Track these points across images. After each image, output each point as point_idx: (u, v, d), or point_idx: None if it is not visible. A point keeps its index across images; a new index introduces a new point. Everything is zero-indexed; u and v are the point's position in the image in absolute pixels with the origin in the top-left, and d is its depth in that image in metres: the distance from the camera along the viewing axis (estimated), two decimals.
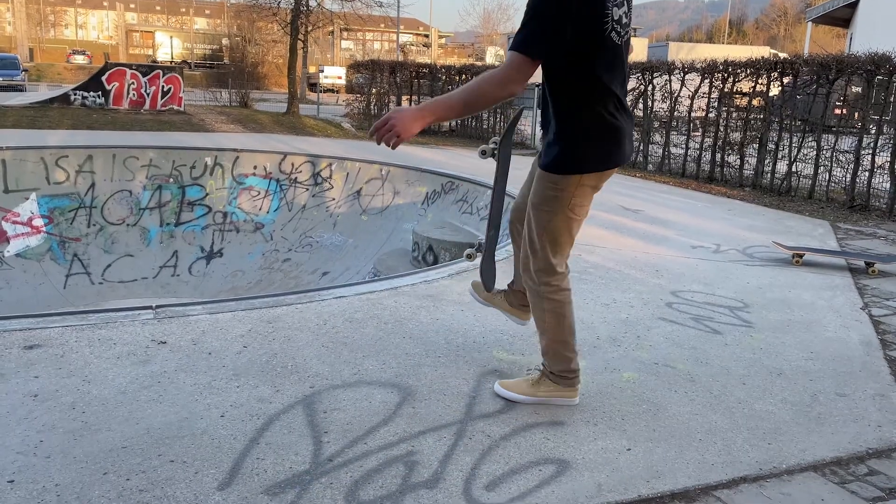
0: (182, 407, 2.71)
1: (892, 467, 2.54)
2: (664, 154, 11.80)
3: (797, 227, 7.37)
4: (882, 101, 8.88)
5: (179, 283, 9.84)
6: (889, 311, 4.42)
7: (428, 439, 2.57)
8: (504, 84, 2.42)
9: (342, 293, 4.23)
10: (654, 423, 2.80)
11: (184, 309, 3.78)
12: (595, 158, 2.62)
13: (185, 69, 32.41)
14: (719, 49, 27.06)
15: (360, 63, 21.68)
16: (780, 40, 69.73)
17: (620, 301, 4.38)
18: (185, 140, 12.44)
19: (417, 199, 10.08)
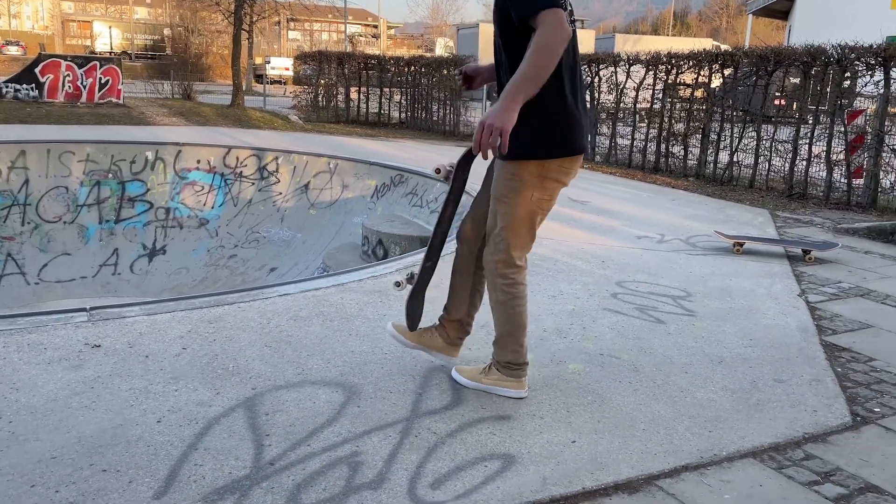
0: (116, 413, 2.61)
1: (827, 451, 2.61)
2: (611, 145, 11.95)
3: (738, 215, 7.55)
4: (818, 92, 9.15)
5: (120, 281, 9.54)
6: (825, 297, 4.56)
7: (373, 439, 2.53)
8: (562, 39, 2.36)
9: (287, 290, 4.15)
10: (599, 414, 2.82)
11: (120, 310, 3.65)
12: (554, 144, 2.62)
13: (125, 60, 31.42)
14: (664, 41, 27.56)
15: (308, 54, 21.33)
16: (722, 32, 71.41)
17: (567, 293, 4.40)
18: (125, 134, 12.05)
19: (367, 192, 9.98)
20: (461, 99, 16.45)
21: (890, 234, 6.40)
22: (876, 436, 2.74)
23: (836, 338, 3.81)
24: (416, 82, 17.36)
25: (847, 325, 4.03)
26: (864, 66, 8.54)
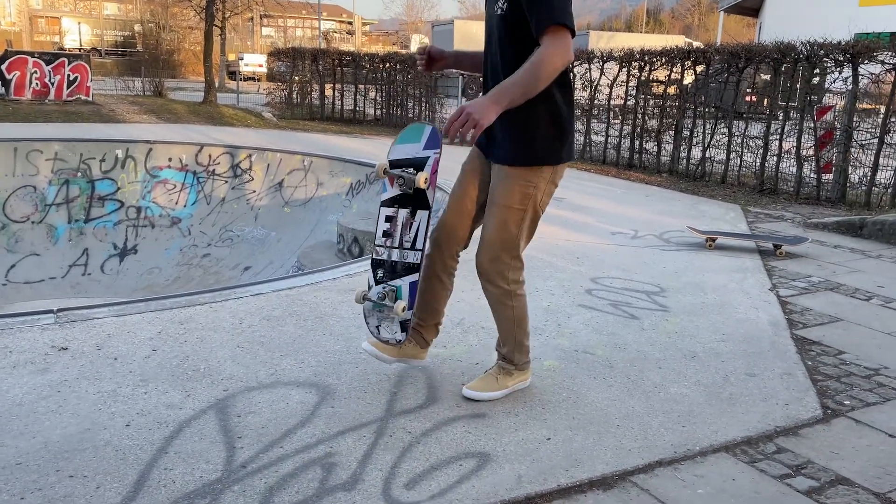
0: (84, 417, 2.56)
1: (798, 444, 2.64)
2: (585, 142, 12.00)
3: (711, 211, 7.62)
4: (788, 88, 9.27)
5: (91, 282, 9.38)
6: (795, 292, 4.62)
7: (347, 439, 2.51)
8: (565, 62, 2.42)
9: (260, 290, 4.10)
10: (574, 410, 2.82)
11: (88, 312, 3.58)
12: (566, 150, 2.69)
13: (95, 57, 30.89)
14: (637, 38, 27.74)
15: (281, 51, 21.12)
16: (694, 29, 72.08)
17: (542, 289, 4.41)
18: (94, 132, 11.84)
19: (342, 189, 9.92)
20: (437, 95, 16.41)
21: (858, 228, 6.50)
22: (846, 428, 2.78)
23: (806, 331, 3.86)
24: (391, 79, 17.29)
25: (817, 318, 4.08)
26: (832, 63, 8.66)
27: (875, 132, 8.16)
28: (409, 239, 2.78)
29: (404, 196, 2.77)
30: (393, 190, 2.79)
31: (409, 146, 2.76)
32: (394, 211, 2.79)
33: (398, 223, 2.79)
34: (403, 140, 2.78)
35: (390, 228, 2.80)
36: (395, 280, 2.80)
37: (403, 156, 2.76)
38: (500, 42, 2.59)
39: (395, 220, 2.79)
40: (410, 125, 2.80)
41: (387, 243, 2.81)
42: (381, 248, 2.82)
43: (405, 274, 2.79)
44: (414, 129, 2.77)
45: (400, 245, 2.79)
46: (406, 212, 2.77)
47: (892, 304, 4.42)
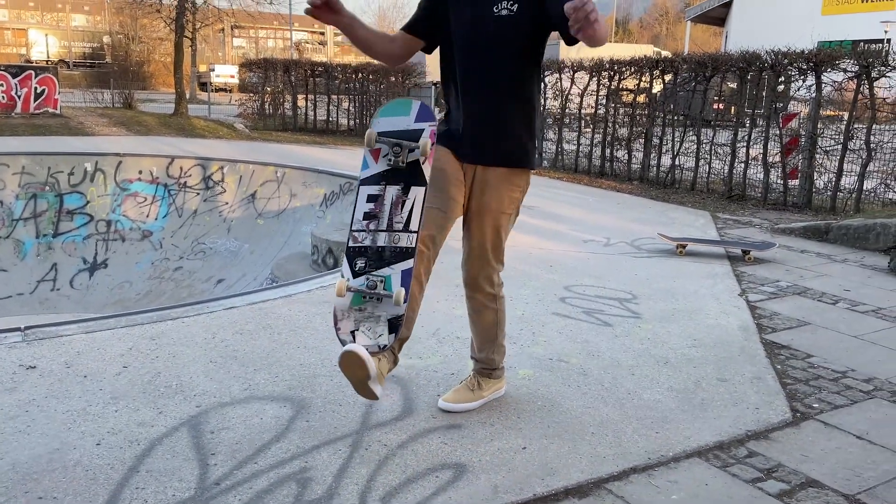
0: (53, 437, 2.52)
1: (769, 448, 2.68)
2: (557, 150, 12.10)
3: (681, 218, 7.72)
4: (755, 96, 9.45)
5: (60, 297, 9.21)
6: (764, 296, 4.70)
7: (322, 453, 2.49)
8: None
9: (233, 303, 4.07)
10: (549, 419, 2.84)
11: (56, 329, 3.52)
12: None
13: (63, 69, 30.47)
14: (607, 48, 28.06)
15: (253, 62, 21.01)
16: (662, 39, 73.12)
17: (516, 298, 4.43)
18: (63, 145, 11.66)
19: (315, 200, 9.88)
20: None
21: (824, 232, 6.63)
22: (815, 431, 2.83)
23: (775, 336, 3.92)
24: (364, 89, 17.29)
25: (785, 322, 4.16)
26: (796, 71, 8.85)
27: (839, 139, 8.35)
28: (402, 220, 2.43)
29: (393, 171, 2.46)
30: (378, 165, 2.48)
31: (396, 118, 2.50)
32: (380, 189, 2.46)
33: (385, 202, 2.45)
34: (388, 113, 2.51)
35: (375, 209, 2.45)
36: (382, 269, 2.41)
37: (391, 128, 2.47)
38: (499, 44, 2.53)
39: (381, 199, 2.45)
40: (393, 100, 2.57)
41: (370, 227, 2.45)
42: (362, 232, 2.45)
43: (396, 260, 2.42)
44: (399, 102, 2.54)
45: (389, 227, 2.43)
46: (396, 188, 2.45)
47: (858, 307, 4.52)
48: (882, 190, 8.06)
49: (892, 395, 3.19)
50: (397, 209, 2.44)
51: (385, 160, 2.46)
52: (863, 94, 8.17)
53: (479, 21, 2.54)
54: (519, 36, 2.54)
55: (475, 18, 2.55)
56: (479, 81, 2.58)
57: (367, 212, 2.46)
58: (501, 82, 2.58)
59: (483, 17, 2.54)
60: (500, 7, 2.51)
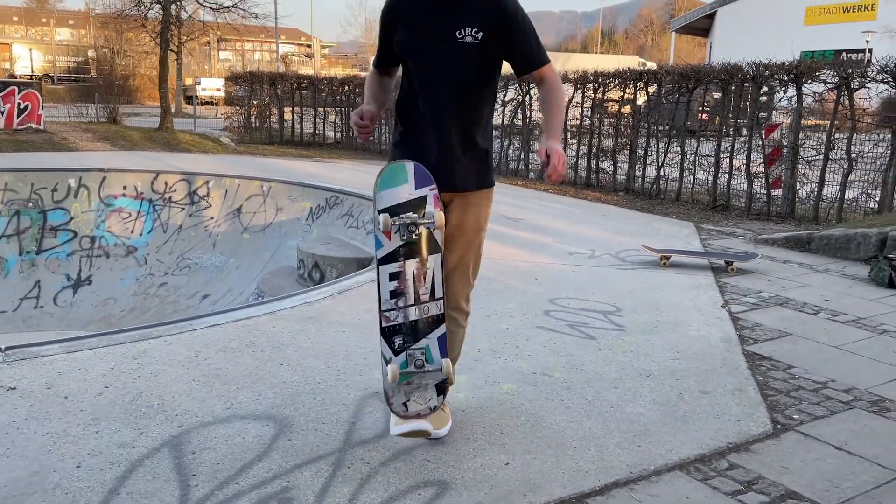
0: (32, 460, 2.50)
1: (750, 460, 2.70)
2: None
3: (665, 229, 7.78)
4: (737, 107, 9.55)
5: (43, 315, 9.13)
6: (746, 307, 4.73)
7: (305, 472, 2.49)
8: None
9: (216, 321, 4.06)
10: (532, 434, 2.85)
11: (37, 349, 3.50)
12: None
13: (47, 83, 30.33)
14: (592, 59, 28.32)
15: (239, 75, 21.06)
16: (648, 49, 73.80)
17: (501, 311, 4.44)
18: (46, 161, 11.60)
19: (301, 214, 9.87)
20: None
21: (807, 242, 6.70)
22: (795, 442, 2.85)
23: (757, 347, 3.96)
24: (350, 102, 17.32)
25: (767, 333, 4.19)
26: (777, 83, 8.97)
27: (820, 149, 8.45)
28: (427, 290, 2.53)
29: (407, 245, 2.50)
30: (392, 243, 2.49)
31: (397, 189, 2.49)
32: (399, 266, 2.50)
33: (408, 277, 2.51)
34: (387, 184, 2.49)
35: (399, 286, 2.51)
36: (419, 342, 2.53)
37: (395, 201, 2.49)
38: (464, 69, 2.54)
39: (402, 275, 2.50)
40: (386, 167, 2.51)
41: (399, 304, 2.51)
42: (393, 311, 2.51)
43: (430, 330, 2.54)
44: (393, 169, 2.51)
45: (416, 300, 2.52)
46: (415, 262, 2.51)
47: (838, 317, 4.56)
48: (863, 199, 8.16)
49: (872, 405, 3.22)
50: (420, 281, 2.53)
51: (398, 236, 2.49)
52: (843, 105, 8.28)
53: (441, 47, 2.52)
54: (482, 62, 2.56)
55: (437, 44, 2.52)
56: (451, 110, 2.56)
57: (393, 290, 2.51)
58: (471, 111, 2.61)
59: (445, 42, 2.51)
60: (463, 34, 2.50)
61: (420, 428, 2.52)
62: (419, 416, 2.54)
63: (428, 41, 2.53)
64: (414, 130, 2.65)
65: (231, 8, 20.21)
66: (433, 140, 2.59)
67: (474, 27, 2.50)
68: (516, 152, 12.79)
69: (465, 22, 2.50)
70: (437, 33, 2.52)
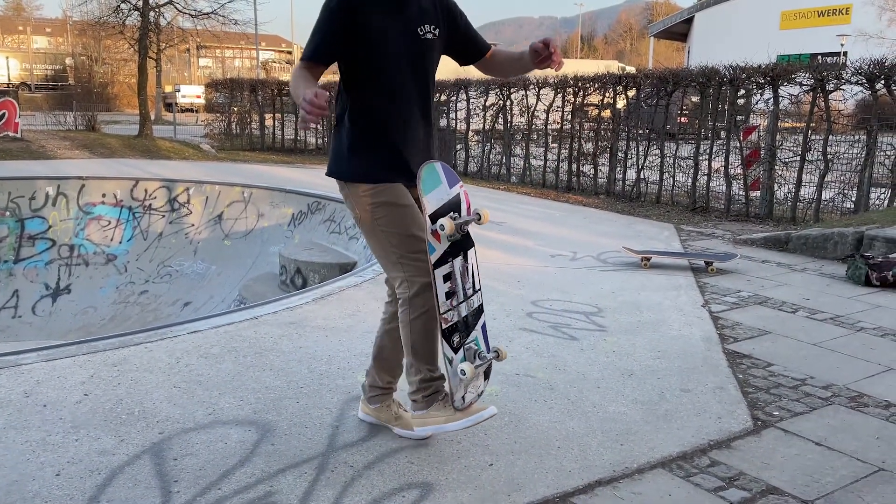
0: (11, 469, 2.46)
1: (731, 457, 2.73)
2: (525, 166, 12.22)
3: (646, 230, 7.84)
4: (715, 110, 9.66)
5: (22, 325, 9.01)
6: (726, 307, 4.78)
7: (288, 477, 2.48)
8: None
9: (197, 327, 4.03)
10: (516, 434, 2.85)
11: (15, 358, 3.45)
12: None
13: (24, 91, 29.96)
14: (572, 64, 28.49)
15: (219, 82, 20.93)
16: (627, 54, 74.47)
17: (485, 313, 4.44)
18: (23, 169, 11.47)
19: (283, 220, 9.84)
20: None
21: (784, 242, 6.78)
22: (775, 439, 2.88)
23: (737, 345, 3.99)
24: (331, 108, 17.26)
25: (747, 332, 4.23)
26: (754, 85, 9.08)
27: (797, 150, 8.56)
28: (471, 284, 2.63)
29: (452, 245, 2.56)
30: (442, 245, 2.53)
31: (438, 192, 2.53)
32: (449, 266, 2.55)
33: (457, 277, 2.57)
34: (430, 188, 2.52)
35: (451, 287, 2.55)
36: (471, 334, 2.62)
37: (440, 204, 2.53)
38: (431, 64, 2.63)
39: (452, 275, 2.56)
40: (423, 170, 2.51)
41: (453, 304, 2.56)
42: (450, 311, 2.55)
43: (477, 321, 2.65)
44: (427, 171, 2.52)
45: (465, 297, 2.60)
46: (459, 260, 2.58)
47: (816, 315, 4.62)
48: (840, 199, 8.28)
49: (850, 400, 3.26)
50: (466, 277, 2.60)
51: (446, 237, 2.52)
52: (819, 107, 8.40)
53: (408, 42, 2.54)
54: (437, 57, 2.66)
55: (405, 39, 2.53)
56: (420, 107, 2.60)
57: (447, 291, 2.55)
58: (429, 107, 2.66)
59: (413, 38, 2.55)
60: (423, 30, 2.56)
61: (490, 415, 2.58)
62: (470, 405, 2.61)
63: (395, 35, 2.52)
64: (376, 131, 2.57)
65: (210, 14, 20.09)
66: (410, 138, 2.60)
67: (432, 24, 2.59)
68: (498, 156, 12.84)
69: (424, 20, 2.57)
70: (403, 29, 2.53)
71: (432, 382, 2.64)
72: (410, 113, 2.59)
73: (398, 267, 2.58)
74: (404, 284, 2.58)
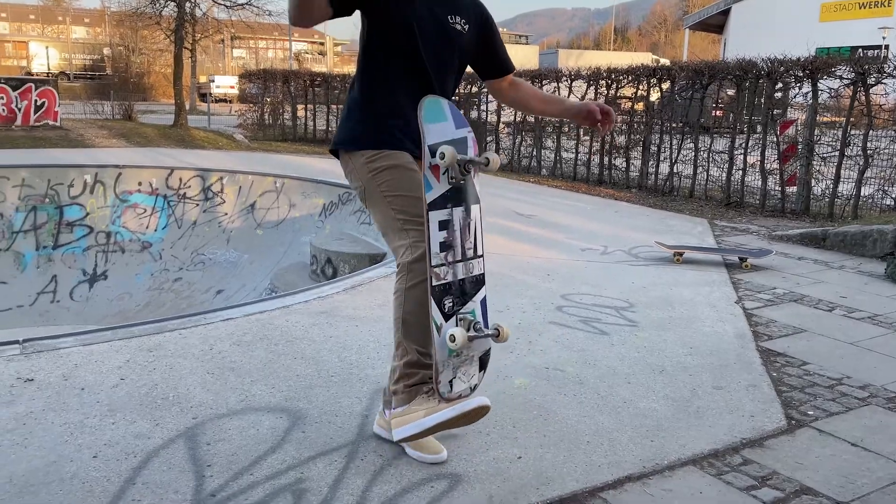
0: (50, 450, 2.53)
1: (764, 456, 2.69)
2: (556, 159, 12.14)
3: (678, 225, 7.74)
4: (752, 103, 9.48)
5: (60, 309, 9.23)
6: (760, 304, 4.71)
7: (318, 464, 2.50)
8: None
9: (230, 315, 4.08)
10: (545, 428, 2.85)
11: (54, 342, 3.54)
12: None
13: (63, 81, 30.59)
14: (605, 56, 28.21)
15: (252, 72, 21.13)
16: (661, 46, 73.42)
17: (514, 307, 4.44)
18: (62, 157, 11.71)
19: (314, 210, 9.91)
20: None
21: (822, 239, 6.65)
22: (810, 438, 2.84)
23: (771, 343, 3.93)
24: None
25: (781, 330, 4.17)
26: (792, 79, 8.89)
27: (836, 145, 8.38)
28: (471, 245, 2.29)
29: (454, 190, 2.24)
30: (441, 185, 2.22)
31: (441, 125, 2.28)
32: (448, 213, 2.23)
33: (455, 228, 2.25)
34: (432, 118, 2.27)
35: (448, 237, 2.23)
36: (467, 304, 2.28)
37: (442, 137, 2.25)
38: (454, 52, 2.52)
39: (451, 224, 2.24)
40: (425, 101, 2.28)
41: (448, 258, 2.23)
42: (443, 267, 2.21)
43: (475, 291, 2.29)
44: (432, 104, 2.29)
45: (464, 256, 2.26)
46: (461, 210, 2.26)
47: (854, 314, 4.53)
48: (879, 196, 8.09)
49: (888, 401, 3.20)
50: (466, 234, 2.28)
51: (446, 178, 2.23)
52: (859, 101, 8.20)
53: (435, 22, 2.46)
54: (465, 55, 2.58)
55: (437, 24, 2.46)
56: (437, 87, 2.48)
57: (443, 241, 2.23)
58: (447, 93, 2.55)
59: (444, 24, 2.48)
60: (454, 19, 2.50)
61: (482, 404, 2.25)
62: (460, 397, 2.29)
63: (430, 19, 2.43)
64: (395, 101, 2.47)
65: (245, 5, 20.30)
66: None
67: (463, 18, 2.53)
68: (528, 149, 12.77)
69: (457, 10, 2.52)
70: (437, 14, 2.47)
71: (419, 370, 2.37)
72: (425, 90, 2.42)
73: (402, 234, 2.35)
74: (407, 251, 2.32)
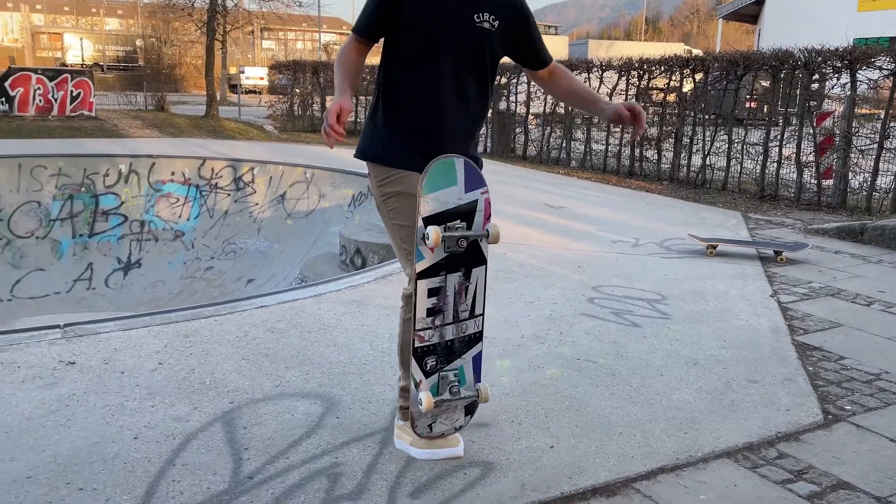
0: (92, 431, 2.59)
1: (799, 450, 2.66)
2: (586, 150, 12.05)
3: (711, 218, 7.65)
4: (788, 95, 9.31)
5: (95, 296, 9.43)
6: (796, 298, 4.64)
7: (352, 450, 2.53)
8: None
9: (263, 302, 4.14)
10: (577, 418, 2.85)
11: (94, 326, 3.62)
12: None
13: (97, 72, 31.07)
14: (636, 46, 27.89)
15: (282, 63, 21.29)
16: (693, 37, 72.37)
17: (544, 298, 4.44)
18: (98, 147, 11.92)
19: (344, 201, 9.97)
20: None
21: (859, 233, 6.52)
22: (847, 433, 2.80)
23: (807, 337, 3.88)
24: None
25: (818, 324, 4.10)
26: (830, 70, 8.71)
27: (874, 137, 8.20)
28: (467, 307, 2.34)
29: (450, 257, 2.27)
30: (435, 255, 2.25)
31: (445, 191, 2.24)
32: (440, 281, 2.27)
33: (448, 293, 2.29)
34: (434, 186, 2.22)
35: (438, 303, 2.29)
36: (453, 363, 2.36)
37: (442, 207, 2.23)
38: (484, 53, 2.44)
39: (443, 290, 2.28)
40: (433, 164, 2.23)
41: (435, 323, 2.30)
42: (428, 330, 2.29)
43: (466, 350, 2.37)
44: (441, 167, 2.23)
45: (455, 318, 2.32)
46: (457, 276, 2.29)
47: (892, 308, 4.44)
48: None
49: None
50: (461, 297, 2.31)
51: (441, 248, 2.25)
52: None
53: (461, 28, 2.38)
54: (495, 51, 2.48)
55: (462, 26, 2.39)
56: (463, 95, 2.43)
57: (430, 308, 2.28)
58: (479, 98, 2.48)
59: (466, 23, 2.39)
60: (481, 18, 2.39)
61: (452, 455, 2.46)
62: (443, 436, 2.47)
63: (446, 19, 2.36)
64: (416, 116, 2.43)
65: None
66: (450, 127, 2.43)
67: (491, 14, 2.41)
68: (558, 140, 12.69)
69: (483, 6, 2.40)
70: (455, 13, 2.38)
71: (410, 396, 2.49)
72: (450, 101, 2.40)
73: (407, 263, 2.40)
74: (411, 282, 2.38)
